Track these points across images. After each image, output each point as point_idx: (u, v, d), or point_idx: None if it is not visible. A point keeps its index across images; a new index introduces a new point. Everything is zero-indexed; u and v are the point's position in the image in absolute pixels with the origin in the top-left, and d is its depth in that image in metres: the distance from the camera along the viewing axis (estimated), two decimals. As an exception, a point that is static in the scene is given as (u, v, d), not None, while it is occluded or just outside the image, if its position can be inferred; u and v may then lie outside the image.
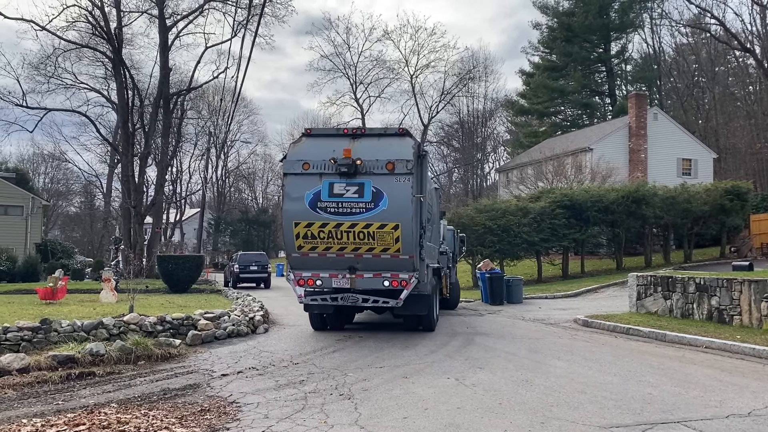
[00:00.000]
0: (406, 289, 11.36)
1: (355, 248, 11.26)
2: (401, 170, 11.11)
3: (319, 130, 12.83)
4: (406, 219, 11.00)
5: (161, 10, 34.76)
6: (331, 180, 11.31)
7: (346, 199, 11.19)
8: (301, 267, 11.80)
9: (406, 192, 11.11)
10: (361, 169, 11.17)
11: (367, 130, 11.98)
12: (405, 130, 11.89)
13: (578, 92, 57.59)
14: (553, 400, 7.27)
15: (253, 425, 6.34)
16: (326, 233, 11.28)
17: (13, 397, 7.81)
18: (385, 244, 11.14)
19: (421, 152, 11.61)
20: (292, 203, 11.50)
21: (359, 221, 11.11)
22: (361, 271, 11.49)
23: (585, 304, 19.38)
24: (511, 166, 49.05)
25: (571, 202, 27.72)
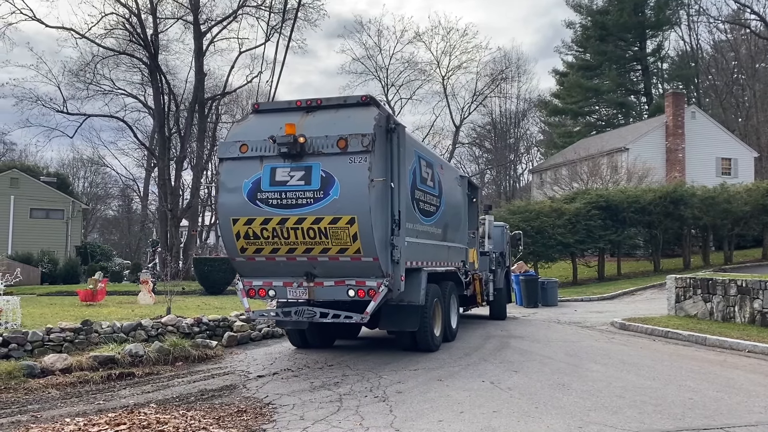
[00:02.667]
0: (373, 300, 8.92)
1: (307, 249, 9.02)
2: (355, 148, 8.73)
3: (269, 104, 10.53)
4: (363, 211, 8.58)
5: (196, 16, 35.31)
6: (273, 164, 9.10)
7: (290, 187, 8.94)
8: (251, 274, 9.69)
9: (362, 176, 8.66)
10: (308, 149, 8.92)
11: (324, 100, 9.64)
12: (370, 97, 9.40)
13: (613, 91, 56.71)
14: (590, 404, 7.17)
15: (289, 427, 6.38)
16: (270, 231, 9.06)
17: (56, 397, 8.01)
18: (342, 243, 8.81)
19: (390, 125, 9.22)
20: (228, 195, 9.39)
21: (307, 215, 8.83)
22: (321, 278, 9.23)
23: (622, 307, 19.09)
24: (545, 166, 48.54)
25: (607, 203, 27.33)
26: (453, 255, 12.56)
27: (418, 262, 10.23)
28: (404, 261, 9.32)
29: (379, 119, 9.07)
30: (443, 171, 12.01)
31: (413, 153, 10.13)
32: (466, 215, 13.92)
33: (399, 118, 12.60)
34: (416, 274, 10.11)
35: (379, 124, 9.04)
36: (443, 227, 11.79)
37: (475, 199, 15.00)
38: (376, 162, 8.81)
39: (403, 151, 9.38)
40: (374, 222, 8.65)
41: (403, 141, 9.38)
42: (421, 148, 10.95)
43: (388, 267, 9.05)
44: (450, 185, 12.54)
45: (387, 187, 9.10)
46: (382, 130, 9.10)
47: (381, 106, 9.44)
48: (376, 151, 8.84)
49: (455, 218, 12.90)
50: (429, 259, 10.81)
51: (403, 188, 9.40)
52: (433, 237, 11.23)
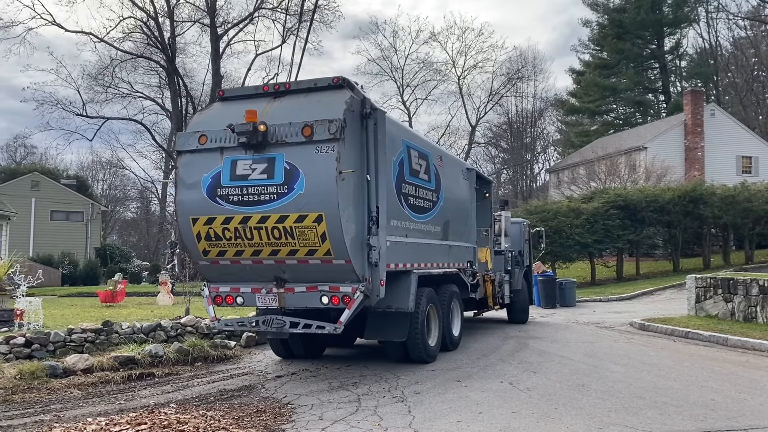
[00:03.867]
0: (348, 308, 8.01)
1: (273, 251, 8.11)
2: (322, 135, 7.70)
3: (235, 91, 9.53)
4: (331, 207, 7.62)
5: (212, 19, 35.57)
6: (234, 156, 8.17)
7: (252, 182, 8.01)
8: (218, 279, 8.86)
9: (329, 167, 7.64)
10: (271, 138, 7.95)
11: (293, 84, 8.77)
12: (343, 79, 8.36)
13: (631, 90, 56.23)
14: (610, 405, 7.12)
15: (308, 427, 6.41)
16: (232, 232, 8.18)
17: (78, 397, 8.10)
18: (310, 244, 7.86)
19: (365, 110, 8.19)
20: (187, 192, 8.49)
21: (270, 213, 7.92)
22: (291, 284, 8.33)
23: (641, 307, 18.93)
24: (562, 166, 48.26)
25: (625, 203, 27.12)
26: (456, 255, 11.55)
27: (407, 263, 9.27)
28: (385, 263, 8.34)
29: (350, 103, 8.02)
30: (442, 163, 10.95)
31: (400, 142, 9.16)
32: (474, 211, 12.79)
33: (414, 119, 11.69)
34: (405, 277, 9.15)
35: (351, 108, 8.00)
36: (443, 225, 10.83)
37: (487, 194, 14.04)
38: (346, 151, 7.79)
39: (383, 140, 8.31)
40: (344, 219, 7.70)
41: (382, 128, 8.32)
42: (412, 137, 9.98)
43: (365, 270, 8.08)
44: (452, 179, 11.48)
45: (362, 179, 8.11)
46: (355, 115, 8.09)
47: (356, 89, 8.37)
48: (347, 139, 7.81)
49: (459, 215, 11.88)
50: (422, 260, 9.85)
51: (384, 181, 8.31)
52: (429, 236, 10.25)
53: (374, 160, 8.23)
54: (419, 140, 10.29)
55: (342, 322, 8.06)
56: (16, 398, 7.95)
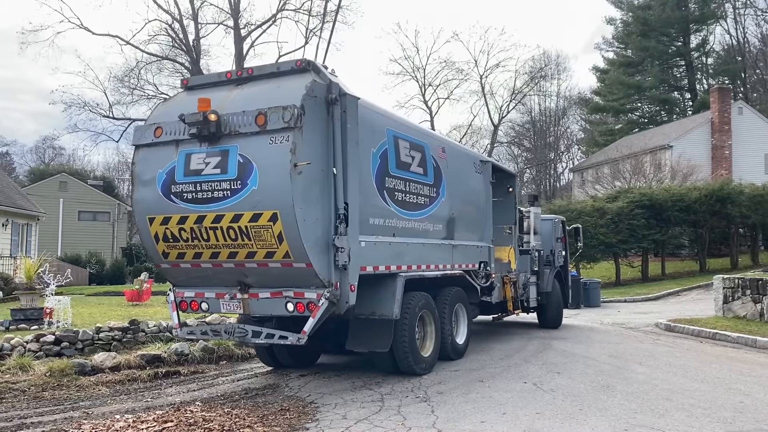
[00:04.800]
0: (312, 316, 7.24)
1: (232, 253, 7.44)
2: (276, 124, 6.94)
3: (199, 79, 8.80)
4: (285, 204, 6.85)
5: (236, 21, 35.89)
6: (188, 150, 7.51)
7: (205, 177, 7.34)
8: (182, 284, 8.25)
9: (283, 160, 6.88)
10: (225, 129, 7.25)
11: (256, 69, 8.02)
12: (306, 61, 7.70)
13: (656, 88, 55.46)
14: (636, 406, 7.05)
15: (332, 426, 6.44)
16: (188, 232, 7.52)
17: (106, 394, 8.24)
18: (267, 245, 7.15)
19: (331, 96, 7.42)
20: (143, 190, 7.87)
21: (225, 211, 7.23)
22: (256, 289, 7.68)
23: (667, 308, 18.70)
24: (586, 165, 47.80)
25: (651, 202, 26.81)
26: (464, 255, 10.60)
27: (392, 265, 8.46)
28: (359, 265, 7.63)
29: (311, 88, 7.25)
30: (445, 155, 10.09)
31: (383, 132, 8.43)
32: (490, 207, 11.80)
33: (436, 119, 11.21)
34: (390, 280, 8.34)
35: (312, 93, 7.22)
36: (446, 222, 10.02)
37: (511, 188, 13.08)
38: (304, 142, 7.01)
39: (355, 129, 7.55)
40: (301, 218, 6.91)
41: (353, 116, 7.56)
42: (401, 126, 9.11)
43: (330, 274, 7.32)
44: (459, 172, 10.62)
45: (327, 173, 7.35)
46: (318, 101, 7.31)
47: (322, 73, 7.61)
48: (306, 128, 7.04)
49: (469, 211, 10.99)
50: (413, 261, 9.01)
51: (357, 175, 7.58)
52: (425, 234, 9.42)
53: (342, 152, 7.42)
54: (411, 130, 9.41)
55: (306, 332, 7.23)
56: (46, 395, 8.12)
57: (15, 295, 17.38)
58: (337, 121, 7.44)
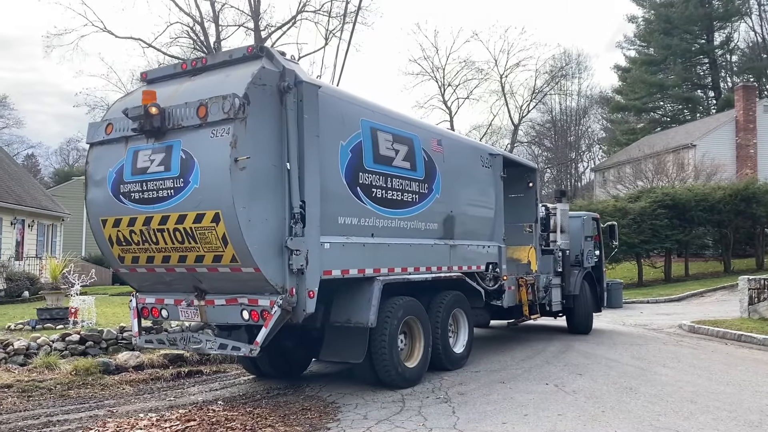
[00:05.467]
0: (265, 325, 6.65)
1: (181, 257, 6.91)
2: (216, 116, 6.39)
3: (157, 72, 8.13)
4: (226, 203, 6.29)
5: (256, 23, 36.10)
6: (136, 146, 7.04)
7: (150, 175, 6.85)
8: (144, 289, 7.82)
9: (222, 154, 6.32)
10: (168, 122, 6.74)
11: (209, 58, 7.55)
12: (260, 48, 7.13)
13: (679, 86, 54.78)
14: (660, 409, 6.97)
15: (353, 426, 6.46)
16: (138, 234, 7.06)
17: (130, 393, 8.34)
18: (214, 248, 6.59)
19: (284, 84, 6.73)
20: (95, 190, 7.44)
21: (170, 212, 6.72)
22: (212, 295, 7.14)
23: (690, 309, 18.45)
24: (608, 164, 47.34)
25: (674, 202, 26.47)
26: (465, 256, 9.87)
27: (367, 268, 7.82)
28: (321, 269, 7.02)
29: (259, 75, 6.63)
30: (441, 148, 9.41)
31: (357, 123, 7.81)
32: (501, 204, 10.96)
33: (456, 119, 10.64)
34: (366, 285, 7.73)
35: (259, 81, 6.62)
36: (442, 221, 9.34)
37: (531, 183, 12.33)
38: (248, 134, 6.40)
39: (314, 119, 6.96)
40: (245, 218, 6.33)
41: (312, 105, 6.96)
42: (381, 116, 8.38)
43: (285, 280, 6.68)
44: (460, 166, 9.90)
45: (279, 169, 6.71)
46: (269, 90, 6.69)
47: (275, 59, 6.98)
48: (252, 120, 6.45)
49: (473, 208, 10.30)
50: (397, 263, 8.32)
51: (315, 170, 6.94)
52: (414, 234, 8.72)
53: (299, 145, 6.77)
54: (396, 121, 8.70)
55: (258, 343, 6.68)
56: (71, 393, 8.24)
57: (41, 295, 17.67)
58: (290, 112, 6.76)
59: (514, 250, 12.03)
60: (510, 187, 11.88)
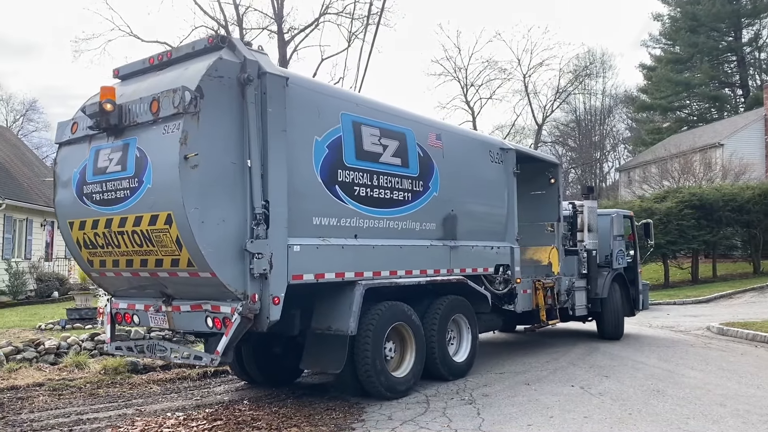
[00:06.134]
0: (225, 334, 6.29)
1: (143, 261, 6.59)
2: (167, 111, 6.03)
3: (129, 67, 7.50)
4: (177, 203, 5.93)
5: (280, 26, 36.34)
6: (98, 145, 6.75)
7: (109, 175, 6.56)
8: (119, 294, 7.52)
9: (172, 151, 5.95)
10: (125, 120, 6.42)
11: (174, 51, 7.07)
12: (221, 38, 6.66)
13: (706, 84, 53.95)
14: (688, 412, 6.88)
15: (378, 426, 6.48)
16: (102, 237, 6.78)
17: (157, 392, 8.46)
18: (170, 252, 6.24)
19: (245, 75, 6.32)
20: (62, 191, 7.22)
21: (128, 213, 6.41)
22: (178, 301, 6.80)
23: (718, 311, 18.16)
24: (633, 164, 46.83)
25: (701, 202, 26.09)
26: (468, 258, 9.26)
27: (348, 272, 7.31)
28: (288, 274, 6.55)
29: (215, 67, 6.23)
30: (440, 143, 8.88)
31: (335, 117, 7.31)
32: (514, 202, 10.30)
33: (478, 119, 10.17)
34: (347, 290, 7.25)
35: (215, 73, 6.21)
36: (441, 221, 8.78)
37: (553, 179, 11.68)
38: (201, 130, 6.00)
39: (281, 113, 6.52)
40: (197, 219, 5.93)
41: (278, 98, 6.53)
42: (366, 110, 7.86)
43: (245, 285, 6.27)
44: (465, 162, 9.37)
45: (240, 166, 6.29)
46: (226, 82, 6.28)
47: (237, 50, 6.54)
48: (206, 114, 6.04)
49: (480, 207, 9.72)
50: (384, 266, 7.79)
51: (282, 168, 6.51)
52: (406, 235, 8.20)
53: (263, 141, 6.38)
54: (385, 114, 8.16)
55: (219, 353, 6.31)
56: (101, 392, 8.38)
57: (70, 296, 17.98)
58: (251, 105, 6.33)
59: (534, 250, 11.60)
60: (530, 184, 11.50)
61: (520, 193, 10.76)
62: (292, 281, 6.60)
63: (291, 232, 6.62)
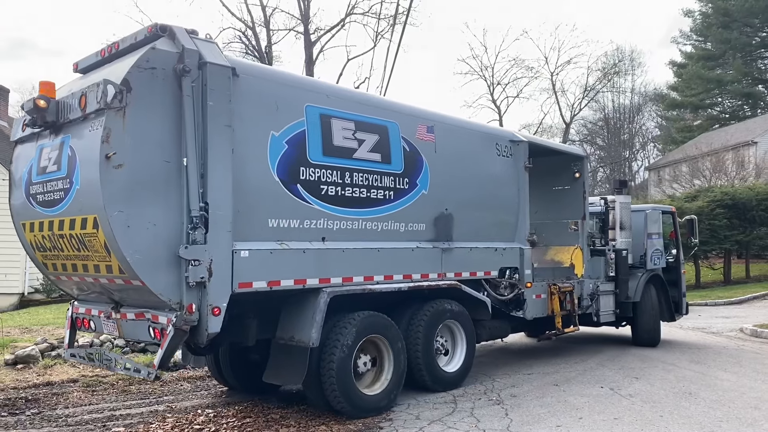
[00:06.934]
0: (161, 346, 5.86)
1: (84, 266, 6.18)
2: (92, 107, 5.59)
3: (87, 60, 6.87)
4: (98, 206, 5.48)
5: (306, 27, 36.55)
6: (42, 143, 6.38)
7: (48, 175, 6.19)
8: (81, 298, 7.07)
9: (94, 150, 5.52)
10: (61, 116, 6.04)
11: (121, 42, 6.41)
12: (161, 27, 6.01)
13: (738, 81, 52.91)
14: (721, 414, 6.78)
15: (406, 425, 6.49)
16: (48, 240, 6.42)
17: (187, 389, 8.57)
18: (101, 257, 5.82)
19: (182, 67, 5.77)
20: (15, 191, 6.88)
21: (63, 216, 6.03)
22: (125, 308, 6.37)
23: (752, 312, 17.81)
24: (663, 163, 46.17)
25: (733, 201, 25.61)
26: (465, 261, 8.50)
27: (310, 278, 6.68)
28: (233, 282, 5.99)
29: (145, 58, 5.70)
30: (432, 136, 8.14)
31: (297, 109, 6.70)
32: (525, 199, 9.51)
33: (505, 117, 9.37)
34: (311, 297, 6.65)
35: (146, 65, 5.68)
36: (432, 221, 8.06)
37: (578, 173, 10.90)
38: (127, 126, 5.52)
39: (224, 107, 5.98)
40: (122, 223, 5.47)
41: (221, 90, 5.97)
42: (337, 101, 7.16)
43: (180, 295, 5.74)
44: (464, 156, 8.64)
45: (176, 165, 5.76)
46: (160, 74, 5.74)
47: (177, 38, 5.96)
48: (135, 109, 5.56)
49: (481, 205, 8.89)
50: (355, 272, 7.10)
51: (225, 166, 5.95)
52: (387, 237, 7.50)
53: (202, 137, 5.84)
54: (363, 106, 7.48)
55: (155, 366, 5.94)
56: (132, 389, 8.52)
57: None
58: (188, 98, 5.79)
59: (556, 251, 10.94)
60: (554, 179, 10.97)
61: (543, 188, 10.33)
62: (238, 290, 6.04)
63: (239, 236, 6.07)
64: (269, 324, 6.81)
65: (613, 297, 11.15)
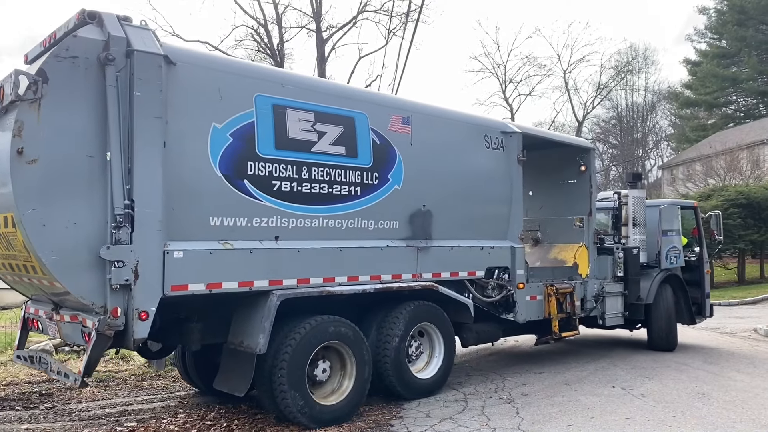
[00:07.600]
0: (86, 351, 5.56)
1: (15, 266, 5.89)
2: (6, 99, 5.30)
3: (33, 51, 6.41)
4: (11, 204, 5.15)
5: (318, 24, 36.59)
6: None
7: None
8: (35, 298, 6.65)
9: (5, 144, 5.21)
10: None
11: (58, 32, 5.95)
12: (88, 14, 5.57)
13: (754, 79, 52.40)
14: (735, 416, 6.72)
15: (416, 423, 6.49)
16: None
17: (199, 385, 8.59)
18: (25, 258, 5.53)
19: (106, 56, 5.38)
20: None
21: None
22: (63, 310, 5.98)
23: (766, 313, 17.66)
24: (676, 162, 45.85)
25: (748, 201, 25.39)
26: (446, 261, 7.93)
27: (258, 280, 6.22)
28: (163, 284, 5.59)
29: (65, 46, 5.35)
30: (408, 127, 7.59)
31: (245, 100, 6.25)
32: (519, 194, 8.90)
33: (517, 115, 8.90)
34: (261, 300, 6.24)
35: (66, 54, 5.32)
36: (407, 218, 7.51)
37: (584, 166, 10.26)
38: (43, 119, 5.16)
39: (154, 97, 5.57)
40: (37, 222, 5.15)
41: (150, 80, 5.55)
42: (294, 91, 6.68)
43: (104, 298, 5.38)
44: (444, 147, 8.06)
45: (99, 160, 5.36)
46: (82, 63, 5.37)
47: (105, 25, 5.56)
48: (52, 101, 5.21)
49: (466, 200, 8.27)
50: (313, 273, 6.60)
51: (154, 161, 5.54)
52: (352, 235, 6.97)
53: (121, 129, 5.41)
54: (324, 96, 6.97)
55: (80, 372, 5.58)
56: (145, 384, 8.59)
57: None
58: (111, 88, 5.40)
59: (560, 249, 10.43)
60: (559, 172, 10.46)
61: (548, 183, 10.10)
62: (171, 293, 5.63)
63: (174, 235, 5.68)
64: (220, 328, 6.45)
65: (621, 298, 10.50)
